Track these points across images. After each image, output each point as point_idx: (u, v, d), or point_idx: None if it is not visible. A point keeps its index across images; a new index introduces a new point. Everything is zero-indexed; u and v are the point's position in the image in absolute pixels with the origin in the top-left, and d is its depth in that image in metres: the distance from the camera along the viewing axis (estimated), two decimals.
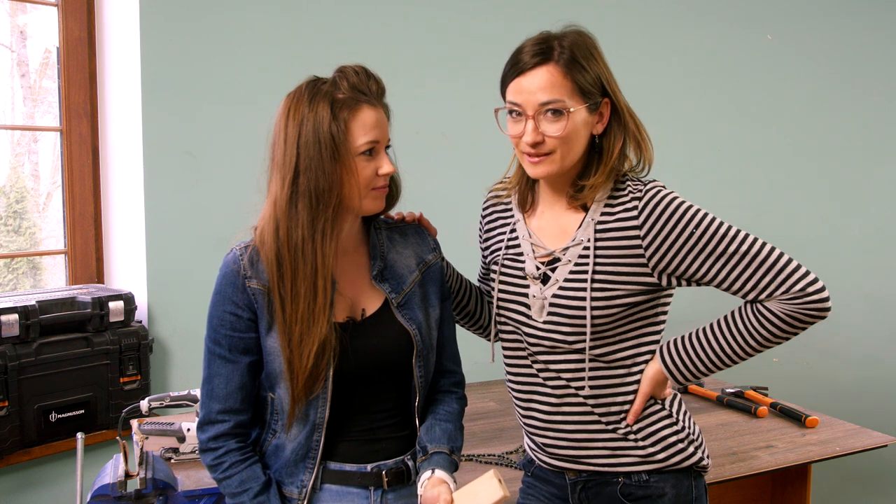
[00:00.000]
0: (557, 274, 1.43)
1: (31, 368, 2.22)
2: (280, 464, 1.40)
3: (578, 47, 1.37)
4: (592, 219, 1.42)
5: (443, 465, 1.40)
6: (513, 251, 1.51)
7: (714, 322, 1.44)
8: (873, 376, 3.64)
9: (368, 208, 1.37)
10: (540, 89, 1.36)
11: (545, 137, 1.37)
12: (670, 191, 1.39)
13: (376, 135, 1.33)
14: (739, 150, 3.35)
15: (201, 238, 2.45)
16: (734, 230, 1.36)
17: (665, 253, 1.36)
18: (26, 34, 2.70)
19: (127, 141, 2.49)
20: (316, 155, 1.29)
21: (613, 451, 1.45)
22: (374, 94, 1.35)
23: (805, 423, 2.31)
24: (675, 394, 1.51)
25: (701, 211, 1.37)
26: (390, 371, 1.42)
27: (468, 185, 2.77)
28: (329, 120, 1.30)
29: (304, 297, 1.31)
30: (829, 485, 3.36)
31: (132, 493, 1.62)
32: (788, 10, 3.41)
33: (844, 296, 3.57)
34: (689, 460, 1.46)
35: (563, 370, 1.44)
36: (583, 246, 1.41)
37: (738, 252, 1.35)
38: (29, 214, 2.73)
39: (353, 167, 1.31)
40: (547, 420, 1.48)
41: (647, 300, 1.41)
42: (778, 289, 1.34)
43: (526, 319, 1.46)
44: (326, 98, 1.31)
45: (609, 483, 1.46)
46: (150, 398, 1.91)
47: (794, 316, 1.36)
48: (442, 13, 2.78)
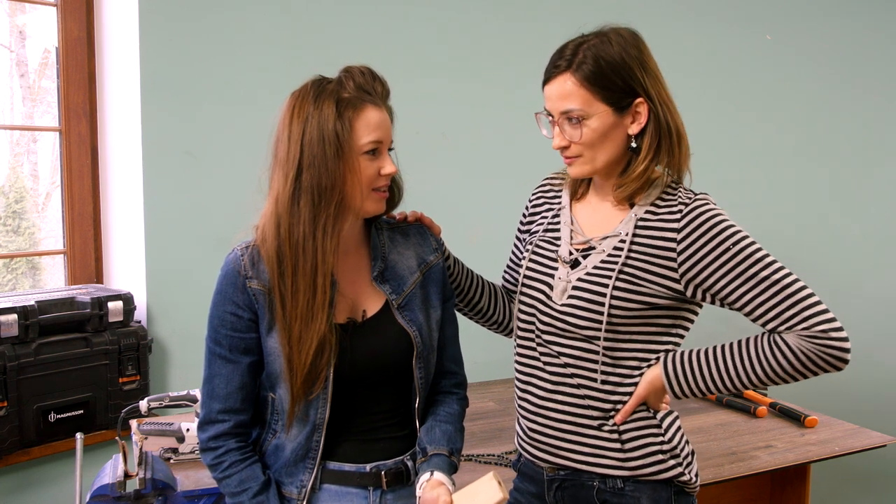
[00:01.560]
0: (588, 261, 1.44)
1: (30, 368, 2.22)
2: (280, 464, 1.40)
3: (601, 49, 1.37)
4: (636, 214, 1.43)
5: (442, 466, 1.39)
6: (550, 234, 1.53)
7: (727, 343, 1.42)
8: (872, 376, 3.64)
9: (369, 209, 1.37)
10: (559, 97, 1.40)
11: (570, 143, 1.41)
12: (717, 208, 1.40)
13: (380, 135, 1.33)
14: (739, 150, 3.35)
15: (201, 238, 2.45)
16: (770, 258, 1.35)
17: (696, 263, 1.37)
18: (25, 34, 2.69)
19: (126, 141, 2.49)
20: (320, 152, 1.30)
21: (593, 450, 1.44)
22: (379, 94, 1.36)
23: (804, 422, 2.32)
24: (672, 411, 1.50)
25: (741, 232, 1.37)
26: (390, 372, 1.42)
27: (468, 185, 2.79)
28: (334, 118, 1.30)
29: (304, 294, 1.31)
30: (829, 485, 3.36)
31: (131, 493, 1.61)
32: (788, 10, 3.41)
33: (844, 296, 3.57)
34: (667, 473, 1.43)
35: (567, 355, 1.44)
36: (619, 238, 1.42)
37: (768, 279, 1.34)
38: (28, 214, 2.72)
39: (356, 166, 1.32)
40: (539, 405, 1.48)
41: (668, 307, 1.41)
42: (801, 322, 1.32)
43: (545, 299, 1.47)
44: (332, 97, 1.31)
45: (584, 486, 1.46)
46: (150, 398, 1.91)
47: (809, 355, 1.33)
48: (442, 13, 2.78)
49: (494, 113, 2.79)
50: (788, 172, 3.47)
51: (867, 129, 3.64)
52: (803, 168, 3.50)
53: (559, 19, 1.45)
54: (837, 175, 3.60)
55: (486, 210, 2.73)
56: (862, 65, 3.60)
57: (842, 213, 3.61)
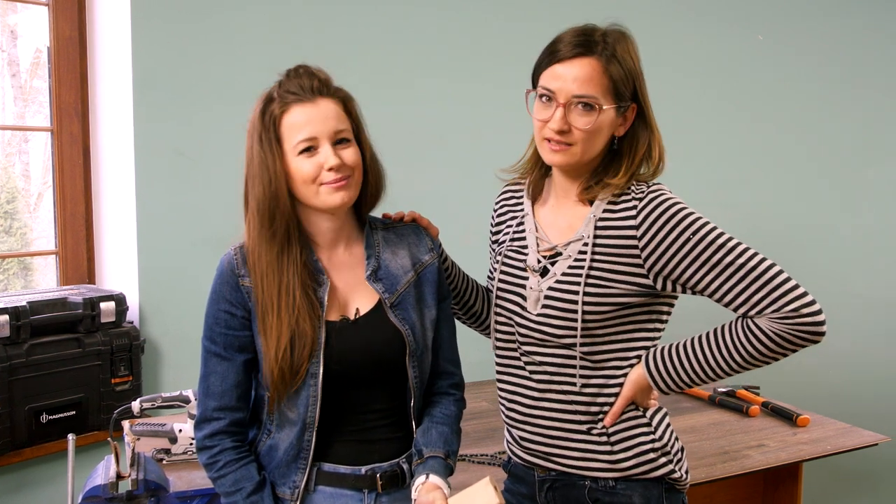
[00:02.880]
0: (556, 268, 1.44)
1: (21, 369, 2.21)
2: (274, 464, 1.41)
3: (621, 45, 1.38)
4: (594, 215, 1.42)
5: (438, 469, 1.39)
6: (517, 243, 1.52)
7: (704, 333, 1.41)
8: (864, 375, 3.66)
9: (327, 203, 1.35)
10: (576, 80, 1.36)
11: (572, 128, 1.37)
12: (672, 196, 1.39)
13: (309, 132, 1.33)
14: (735, 150, 3.36)
15: (193, 238, 2.44)
16: (733, 242, 1.34)
17: (660, 255, 1.36)
18: (17, 34, 2.68)
19: (118, 141, 2.48)
20: (256, 163, 1.35)
21: (584, 453, 1.44)
22: (309, 89, 1.35)
23: (796, 422, 2.32)
24: (661, 407, 1.50)
25: (701, 219, 1.36)
26: (383, 371, 1.42)
27: (464, 186, 2.78)
28: (261, 127, 1.34)
29: (268, 290, 1.35)
30: (821, 483, 3.37)
31: (123, 494, 1.61)
32: (783, 10, 3.42)
33: (836, 295, 3.59)
34: (658, 471, 1.43)
35: (549, 363, 1.44)
36: (582, 242, 1.42)
37: (733, 264, 1.33)
38: (20, 215, 2.71)
39: (291, 169, 1.34)
40: (527, 413, 1.48)
41: (641, 303, 1.41)
42: (769, 306, 1.31)
43: (520, 311, 1.47)
44: (264, 105, 1.36)
45: (576, 486, 1.46)
46: (142, 399, 1.91)
47: (783, 336, 1.32)
48: (440, 13, 2.78)
49: (491, 114, 2.79)
50: (783, 173, 3.48)
51: (862, 129, 3.65)
52: (798, 168, 3.51)
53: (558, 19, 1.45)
54: (831, 175, 3.61)
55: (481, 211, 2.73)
56: (857, 65, 3.61)
57: (835, 213, 3.63)
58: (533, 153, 1.53)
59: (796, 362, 3.46)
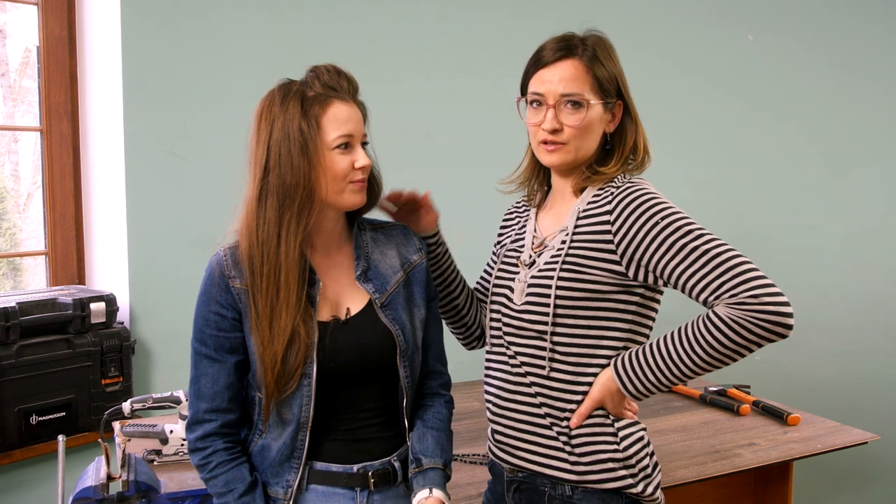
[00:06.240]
0: (541, 258, 1.47)
1: (11, 370, 2.20)
2: (266, 464, 1.41)
3: (600, 47, 1.44)
4: (578, 207, 1.46)
5: (439, 482, 1.42)
6: (517, 243, 1.56)
7: (670, 331, 1.39)
8: (854, 374, 3.68)
9: (349, 202, 1.38)
10: (562, 81, 1.42)
11: (564, 126, 1.42)
12: (648, 187, 1.42)
13: (349, 129, 1.35)
14: (724, 149, 3.37)
15: (183, 239, 2.44)
16: (702, 231, 1.34)
17: (630, 241, 1.37)
18: (6, 33, 2.67)
19: (108, 141, 2.47)
20: (285, 152, 1.32)
21: (546, 450, 1.45)
22: (346, 90, 1.37)
23: (787, 420, 2.33)
24: (638, 422, 1.48)
25: (672, 208, 1.37)
26: (374, 370, 1.42)
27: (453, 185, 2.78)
28: (299, 117, 1.33)
29: (270, 291, 1.33)
30: (811, 482, 3.39)
31: (114, 495, 1.60)
32: (775, 10, 3.43)
33: (826, 294, 3.61)
34: (615, 483, 1.40)
35: (525, 354, 1.45)
36: (565, 232, 1.45)
37: (697, 249, 1.32)
38: (9, 215, 2.70)
39: (326, 162, 1.34)
40: (503, 406, 1.50)
41: (614, 292, 1.40)
42: (727, 291, 1.28)
43: (507, 303, 1.49)
44: (297, 96, 1.34)
45: (537, 491, 1.47)
46: (133, 400, 1.90)
47: (741, 324, 1.27)
48: (429, 13, 2.78)
49: (479, 113, 2.79)
50: (772, 172, 3.49)
51: (851, 129, 3.67)
52: (786, 167, 3.53)
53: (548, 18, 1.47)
54: (820, 174, 3.62)
55: (471, 211, 2.73)
56: (846, 65, 3.63)
57: (823, 212, 3.64)
58: (530, 161, 1.58)
59: (786, 360, 3.50)
